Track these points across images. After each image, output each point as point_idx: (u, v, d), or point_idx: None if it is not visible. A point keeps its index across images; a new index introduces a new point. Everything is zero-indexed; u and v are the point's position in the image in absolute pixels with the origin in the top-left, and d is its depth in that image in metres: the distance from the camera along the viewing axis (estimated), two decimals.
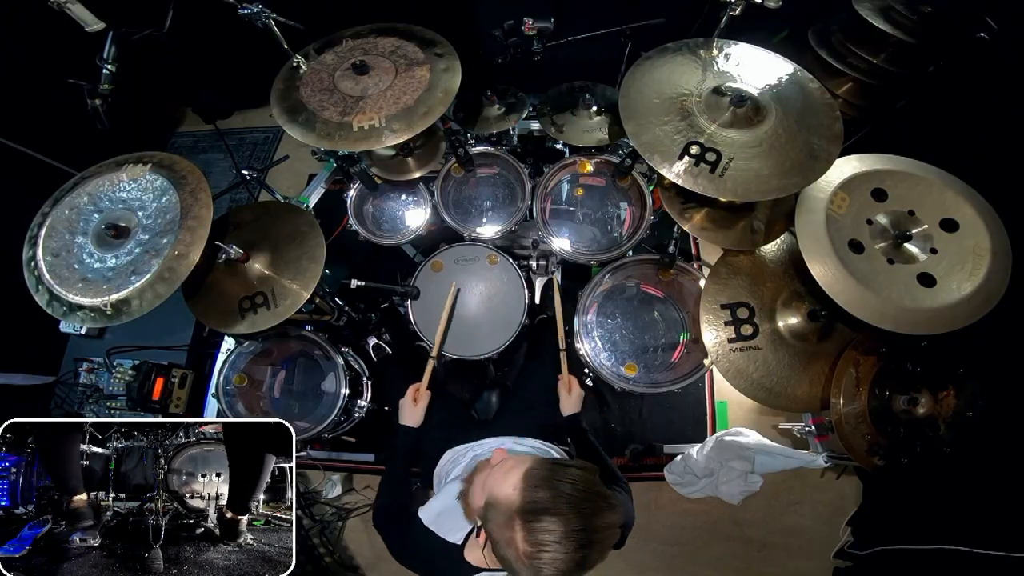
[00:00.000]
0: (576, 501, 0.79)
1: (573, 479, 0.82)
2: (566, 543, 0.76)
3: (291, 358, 1.76)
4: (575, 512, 0.78)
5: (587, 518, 0.78)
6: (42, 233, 1.35)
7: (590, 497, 0.81)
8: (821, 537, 2.04)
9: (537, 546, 0.76)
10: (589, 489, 0.82)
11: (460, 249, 1.76)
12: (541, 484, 0.81)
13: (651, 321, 1.72)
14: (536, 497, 0.79)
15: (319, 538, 2.04)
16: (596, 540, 0.79)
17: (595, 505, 0.80)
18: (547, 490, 0.80)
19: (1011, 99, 1.60)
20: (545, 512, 0.77)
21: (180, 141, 3.13)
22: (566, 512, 0.78)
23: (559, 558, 0.76)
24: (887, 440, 1.36)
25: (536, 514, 0.78)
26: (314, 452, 2.12)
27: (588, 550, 0.78)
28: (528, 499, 0.79)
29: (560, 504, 0.78)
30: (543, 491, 0.80)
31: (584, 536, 0.77)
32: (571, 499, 0.79)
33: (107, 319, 1.26)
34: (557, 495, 0.79)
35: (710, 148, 1.28)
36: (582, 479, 0.83)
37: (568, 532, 0.76)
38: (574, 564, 0.77)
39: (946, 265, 1.27)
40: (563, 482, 0.81)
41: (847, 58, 1.79)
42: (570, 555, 0.76)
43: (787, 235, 1.53)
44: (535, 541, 0.77)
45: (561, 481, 0.81)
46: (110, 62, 1.44)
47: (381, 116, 1.43)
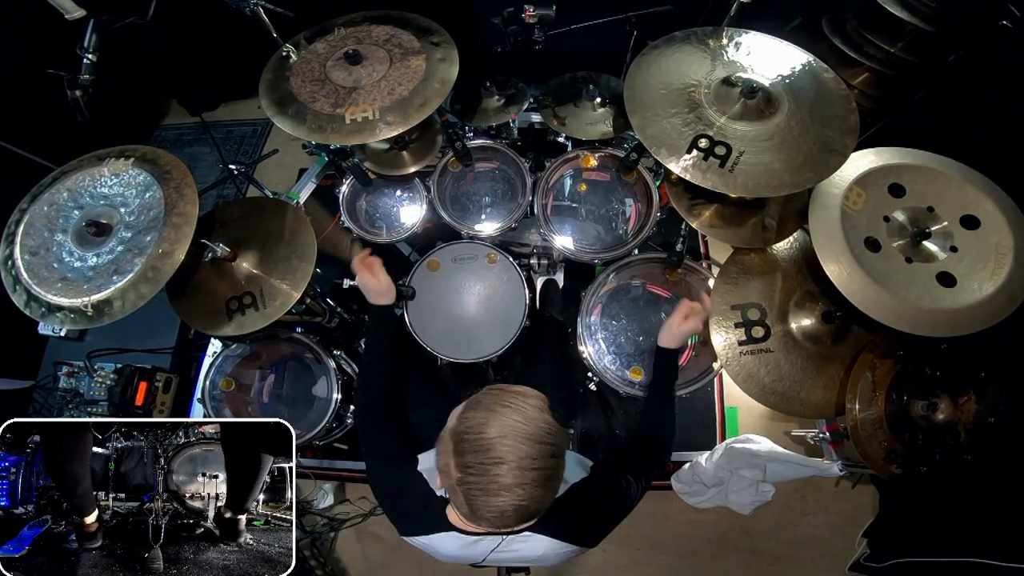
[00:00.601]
0: (510, 428, 0.75)
1: (515, 406, 0.78)
2: (496, 469, 0.73)
3: (281, 361, 1.73)
4: (507, 438, 0.74)
5: (518, 448, 0.74)
6: (19, 230, 1.31)
7: (529, 429, 0.76)
8: (836, 549, 2.01)
9: (464, 470, 0.75)
10: (530, 419, 0.77)
11: (458, 247, 1.74)
12: (477, 405, 0.79)
13: (658, 323, 1.68)
14: (468, 416, 0.78)
15: (310, 550, 2.01)
16: (532, 475, 0.74)
17: (533, 438, 0.76)
18: (482, 411, 0.78)
19: None
20: (474, 433, 0.75)
21: (164, 134, 3.10)
22: (496, 436, 0.74)
23: (490, 486, 0.74)
24: (905, 447, 1.33)
25: (465, 435, 0.76)
26: (305, 460, 2.09)
27: (524, 485, 0.74)
28: (462, 421, 0.78)
29: (490, 428, 0.75)
30: (478, 412, 0.78)
31: (517, 467, 0.74)
32: (504, 425, 0.75)
33: (88, 321, 1.22)
34: (490, 417, 0.76)
35: (719, 141, 1.24)
36: (528, 407, 0.78)
37: (495, 457, 0.74)
38: (510, 498, 0.74)
39: (967, 264, 1.24)
40: (503, 407, 0.77)
41: (863, 47, 1.78)
42: (501, 484, 0.73)
43: (800, 233, 1.49)
44: (462, 464, 0.75)
45: (502, 406, 0.78)
46: (91, 51, 1.40)
47: (375, 108, 1.39)
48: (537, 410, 0.79)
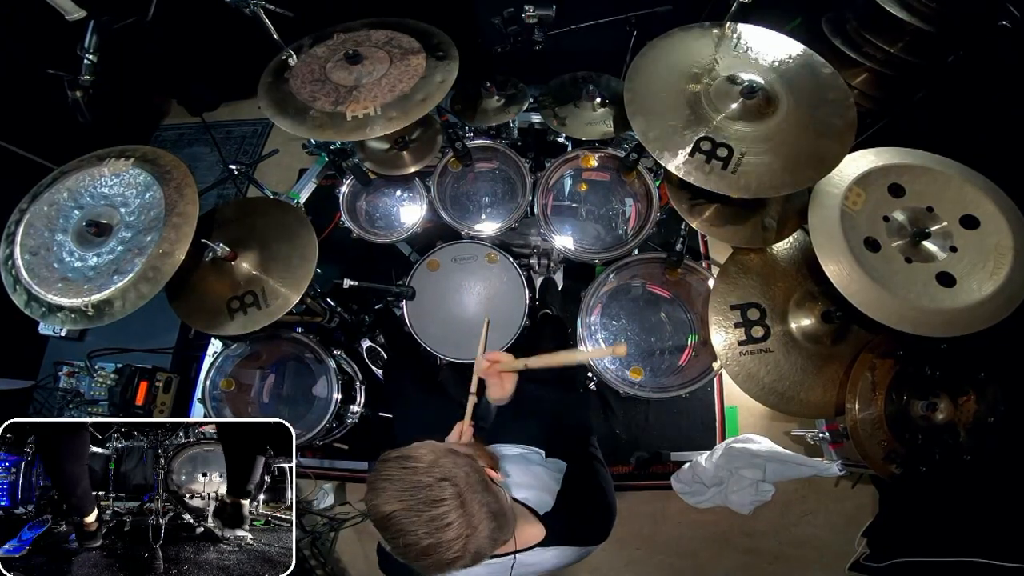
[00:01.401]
0: (398, 501, 0.78)
1: (393, 476, 0.80)
2: (407, 537, 0.77)
3: (281, 361, 1.73)
4: (398, 511, 0.77)
5: (412, 515, 0.77)
6: (20, 230, 1.31)
7: (414, 496, 0.78)
8: (835, 549, 2.01)
9: (393, 547, 0.80)
10: (411, 485, 0.79)
11: (458, 247, 1.74)
12: (370, 486, 0.82)
13: (657, 323, 1.69)
14: (368, 499, 0.82)
15: (310, 550, 2.00)
16: (449, 531, 0.77)
17: (423, 501, 0.78)
18: (371, 492, 0.81)
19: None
20: (376, 514, 0.80)
21: (165, 134, 3.09)
22: (390, 512, 0.78)
23: (419, 555, 0.77)
24: (905, 447, 1.32)
25: (373, 518, 0.81)
26: (305, 460, 2.09)
27: (447, 541, 0.77)
28: (367, 504, 0.82)
29: (384, 506, 0.78)
30: (371, 494, 0.81)
31: (425, 532, 0.76)
32: (390, 498, 0.78)
33: (88, 321, 1.22)
34: (378, 495, 0.80)
35: (721, 143, 1.24)
36: (407, 469, 0.81)
37: (398, 531, 0.77)
38: (446, 553, 0.77)
39: (966, 264, 1.23)
40: (383, 480, 0.80)
41: (862, 47, 1.76)
42: (424, 548, 0.76)
43: (800, 233, 1.49)
44: (387, 540, 0.80)
45: (382, 480, 0.81)
46: (91, 52, 1.39)
47: (376, 105, 1.39)
48: (422, 471, 0.80)
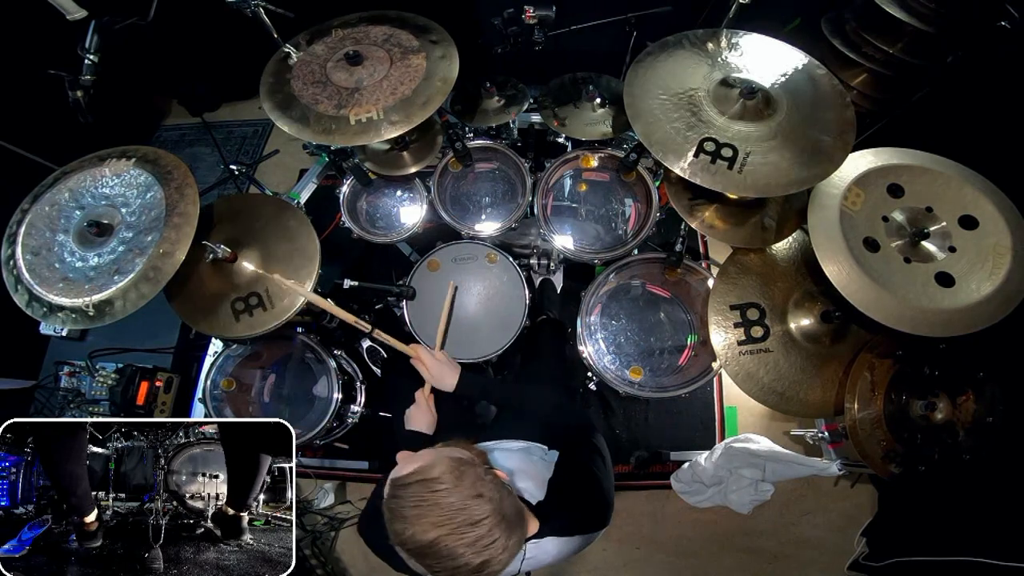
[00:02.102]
0: (442, 527, 0.77)
1: (426, 501, 0.79)
2: (457, 560, 0.76)
3: (281, 361, 1.73)
4: (445, 536, 0.76)
5: (461, 538, 0.76)
6: (21, 230, 1.31)
7: (457, 518, 0.78)
8: (835, 548, 2.01)
9: (434, 571, 0.79)
10: (450, 507, 0.79)
11: (458, 247, 1.73)
12: (394, 516, 0.81)
13: (657, 323, 1.69)
14: (397, 530, 0.80)
15: (311, 549, 2.00)
16: (493, 546, 0.77)
17: (467, 522, 0.77)
18: (402, 522, 0.79)
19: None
20: (416, 543, 0.78)
21: (166, 135, 3.09)
22: (435, 538, 0.76)
23: (462, 572, 0.77)
24: (903, 447, 1.33)
25: (409, 547, 0.79)
26: (305, 460, 2.09)
27: (492, 556, 0.77)
28: (397, 536, 0.80)
29: (426, 534, 0.77)
30: (400, 523, 0.79)
31: (474, 552, 0.76)
32: (432, 525, 0.77)
33: (89, 320, 1.23)
34: (413, 525, 0.78)
35: (725, 144, 1.24)
36: (438, 493, 0.79)
37: (448, 554, 0.76)
38: (489, 568, 0.77)
39: (965, 264, 1.24)
40: (414, 508, 0.78)
41: (862, 48, 1.76)
42: (472, 567, 0.76)
43: (799, 233, 1.49)
44: (428, 567, 0.79)
45: (413, 508, 0.79)
46: (92, 52, 1.39)
47: (379, 108, 1.39)
48: (451, 491, 0.79)
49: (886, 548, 1.85)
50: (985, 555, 1.49)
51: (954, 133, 1.71)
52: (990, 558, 1.48)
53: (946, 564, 1.58)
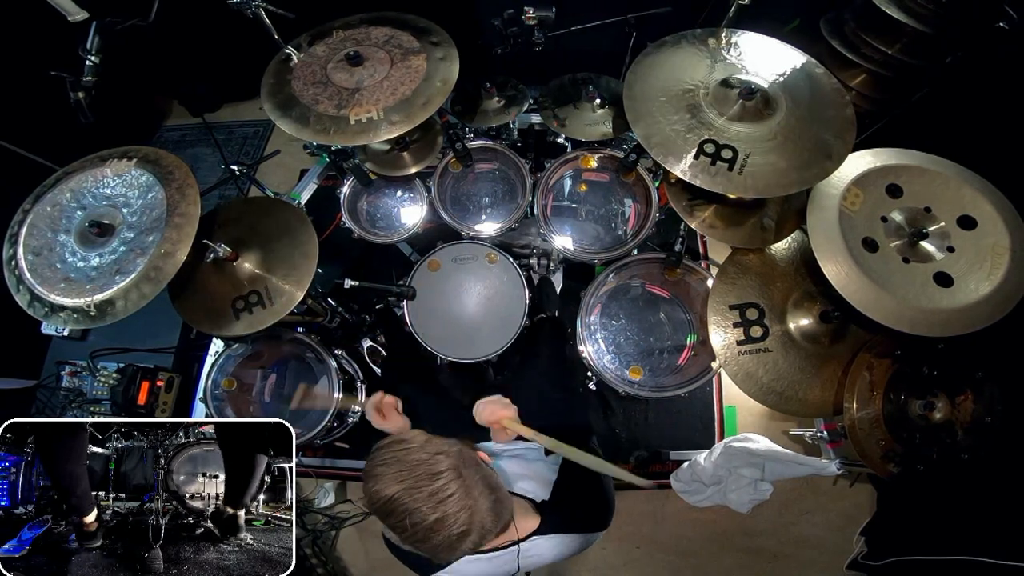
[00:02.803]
0: (399, 482, 0.79)
1: (391, 459, 0.82)
2: (414, 517, 0.78)
3: (282, 361, 1.73)
4: (402, 491, 0.79)
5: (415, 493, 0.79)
6: (23, 231, 1.32)
7: (414, 472, 0.80)
8: (834, 547, 2.00)
9: (399, 532, 0.80)
10: (410, 463, 0.82)
11: (458, 247, 1.74)
12: (366, 476, 0.84)
13: (657, 322, 1.69)
14: (366, 488, 0.83)
15: (311, 548, 2.00)
16: (450, 503, 0.79)
17: (424, 476, 0.80)
18: (370, 479, 0.83)
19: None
20: (378, 500, 0.80)
21: (167, 135, 3.09)
22: (394, 494, 0.79)
23: (426, 534, 0.79)
24: (902, 446, 1.32)
25: (374, 505, 0.82)
26: (306, 459, 2.09)
27: (453, 514, 0.78)
28: (366, 494, 0.84)
29: (385, 490, 0.80)
30: (368, 481, 0.83)
31: (431, 508, 0.78)
32: (391, 479, 0.80)
33: (90, 320, 1.22)
34: (378, 481, 0.81)
35: (725, 145, 1.24)
36: (403, 451, 0.83)
37: (405, 510, 0.78)
38: (455, 527, 0.78)
39: (964, 264, 1.23)
40: (380, 466, 0.82)
41: (861, 49, 1.76)
42: (430, 526, 0.78)
43: (798, 233, 1.49)
44: (392, 527, 0.81)
45: (379, 466, 0.82)
46: (94, 53, 1.40)
47: (379, 108, 1.39)
48: (417, 450, 0.82)
49: (885, 547, 1.84)
50: (984, 554, 1.48)
51: (953, 134, 1.70)
52: (989, 557, 1.46)
53: (944, 563, 1.57)
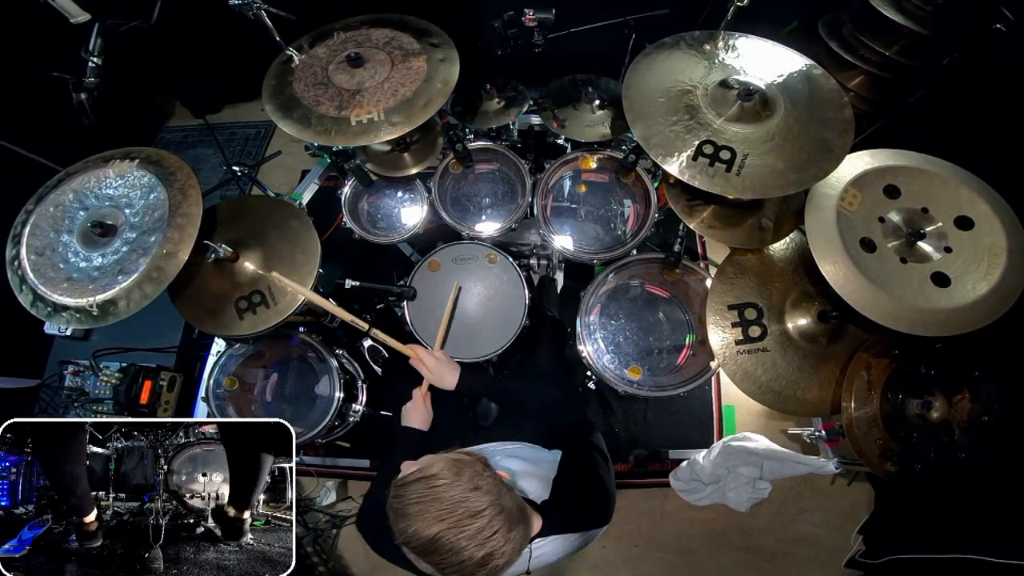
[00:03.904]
0: (443, 522, 0.77)
1: (427, 497, 0.80)
2: (459, 555, 0.77)
3: (284, 361, 1.73)
4: (447, 531, 0.77)
5: (462, 531, 0.77)
6: (26, 231, 1.33)
7: (458, 511, 0.79)
8: (832, 546, 2.01)
9: (438, 567, 0.79)
10: (451, 501, 0.80)
11: (458, 248, 1.74)
12: (398, 516, 0.81)
13: (656, 322, 1.70)
14: (401, 529, 0.81)
15: (312, 546, 2.01)
16: (494, 539, 0.78)
17: (468, 513, 0.79)
18: (405, 520, 0.80)
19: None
20: (419, 540, 0.78)
21: (169, 136, 3.10)
22: (437, 534, 0.77)
23: (466, 567, 0.77)
24: (900, 445, 1.33)
25: (412, 544, 0.80)
26: (308, 458, 2.10)
27: (495, 549, 0.78)
28: (401, 535, 0.81)
29: (427, 530, 0.78)
30: (404, 522, 0.80)
31: (476, 545, 0.77)
32: (434, 520, 0.78)
33: (93, 320, 1.23)
34: (416, 521, 0.79)
35: (723, 146, 1.25)
36: (439, 488, 0.81)
37: (450, 549, 0.77)
38: (492, 562, 0.78)
39: (961, 264, 1.24)
40: (415, 504, 0.80)
41: (858, 50, 1.76)
42: (475, 561, 0.77)
43: (796, 233, 1.49)
44: (432, 563, 0.80)
45: (415, 505, 0.80)
46: (96, 55, 1.40)
47: (380, 109, 1.40)
48: (450, 485, 0.80)
49: (883, 546, 1.85)
50: (980, 553, 1.49)
51: (950, 135, 1.70)
52: (985, 556, 1.47)
53: (942, 562, 1.58)
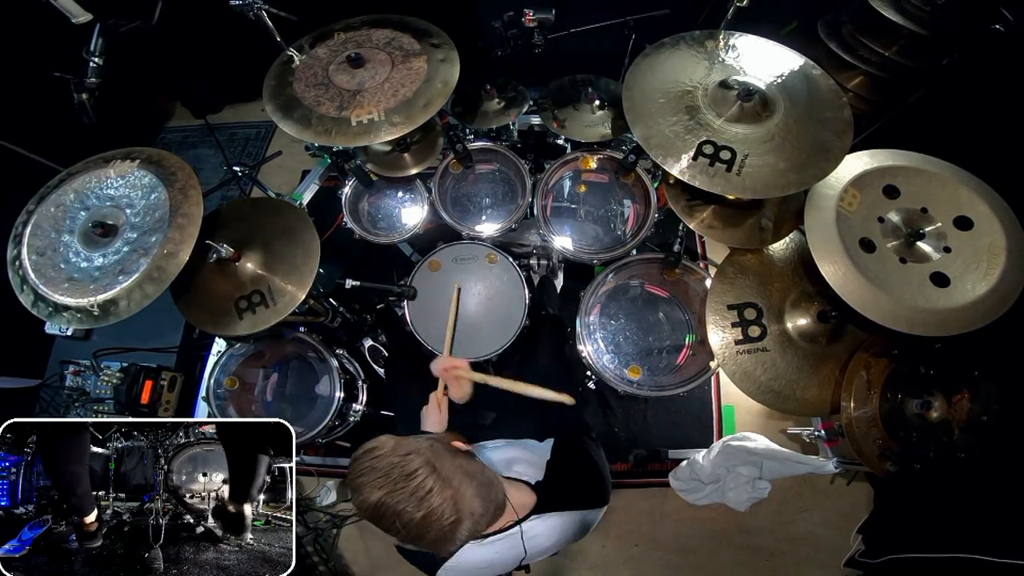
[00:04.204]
0: (378, 488, 0.82)
1: (368, 468, 0.84)
2: (404, 518, 0.81)
3: (284, 360, 1.74)
4: (384, 496, 0.81)
5: (397, 495, 0.81)
6: (27, 231, 1.33)
7: (389, 478, 0.83)
8: (831, 545, 2.01)
9: (396, 534, 0.83)
10: (383, 467, 0.84)
11: (458, 248, 1.74)
12: (350, 489, 0.87)
13: (655, 322, 1.70)
14: (354, 501, 0.86)
15: (313, 546, 2.01)
16: (432, 499, 0.81)
17: (399, 477, 0.83)
18: (353, 491, 0.85)
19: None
20: (366, 509, 0.83)
21: (169, 136, 3.10)
22: (376, 500, 0.82)
23: (420, 530, 0.81)
24: (899, 445, 1.33)
25: (364, 513, 0.84)
26: (308, 458, 2.10)
27: (438, 508, 0.81)
28: (356, 507, 0.86)
29: (369, 497, 0.82)
30: (354, 493, 0.85)
31: (416, 507, 0.81)
32: (372, 486, 0.82)
33: (94, 320, 1.23)
34: (361, 490, 0.84)
35: (723, 146, 1.25)
36: (376, 458, 0.85)
37: (394, 513, 0.81)
38: (445, 519, 0.81)
39: (960, 264, 1.24)
40: (359, 476, 0.85)
41: (858, 51, 1.75)
42: (420, 523, 0.81)
43: (796, 233, 1.49)
44: (387, 530, 0.83)
45: (358, 476, 0.85)
46: (97, 55, 1.40)
47: (380, 109, 1.40)
48: (387, 455, 0.85)
49: (882, 545, 1.85)
50: (980, 552, 1.49)
51: (949, 135, 1.70)
52: (984, 555, 1.47)
53: (941, 561, 1.58)
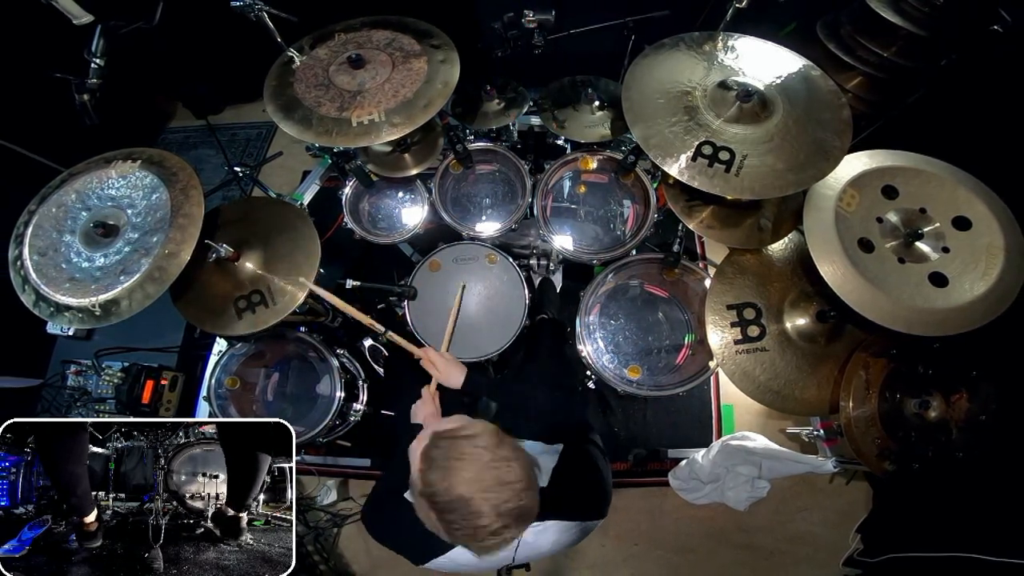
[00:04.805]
0: (475, 483, 0.78)
1: (467, 456, 0.80)
2: (477, 519, 0.77)
3: (285, 360, 1.74)
4: (477, 492, 0.78)
5: (490, 497, 0.78)
6: (28, 231, 1.33)
7: (490, 476, 0.80)
8: (830, 544, 2.02)
9: (448, 525, 0.79)
10: (487, 465, 0.80)
11: (459, 248, 1.74)
12: (432, 465, 0.81)
13: (655, 322, 1.70)
14: (430, 479, 0.80)
15: (313, 545, 2.01)
16: (510, 511, 0.79)
17: (498, 482, 0.79)
18: (439, 471, 0.80)
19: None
20: (444, 495, 0.79)
21: (171, 137, 3.10)
22: (466, 494, 0.78)
23: (477, 532, 0.78)
24: (898, 444, 1.33)
25: (435, 497, 0.79)
26: (309, 457, 2.09)
27: (508, 523, 0.78)
28: (426, 484, 0.81)
29: (457, 487, 0.78)
30: (436, 472, 0.80)
31: (496, 513, 0.78)
32: (467, 481, 0.79)
33: (95, 320, 1.24)
34: (449, 475, 0.79)
35: (722, 147, 1.25)
36: (479, 452, 0.81)
37: (473, 511, 0.77)
38: (499, 535, 0.79)
39: (959, 264, 1.25)
40: (456, 461, 0.80)
41: (856, 51, 1.75)
42: (487, 529, 0.78)
43: (795, 234, 1.50)
44: (444, 521, 0.79)
45: (455, 460, 0.80)
46: (98, 56, 1.40)
47: (380, 110, 1.40)
48: (490, 450, 0.81)
49: (881, 544, 1.86)
50: (978, 551, 1.49)
51: (948, 135, 1.70)
52: (983, 554, 1.48)
53: (939, 560, 1.59)
